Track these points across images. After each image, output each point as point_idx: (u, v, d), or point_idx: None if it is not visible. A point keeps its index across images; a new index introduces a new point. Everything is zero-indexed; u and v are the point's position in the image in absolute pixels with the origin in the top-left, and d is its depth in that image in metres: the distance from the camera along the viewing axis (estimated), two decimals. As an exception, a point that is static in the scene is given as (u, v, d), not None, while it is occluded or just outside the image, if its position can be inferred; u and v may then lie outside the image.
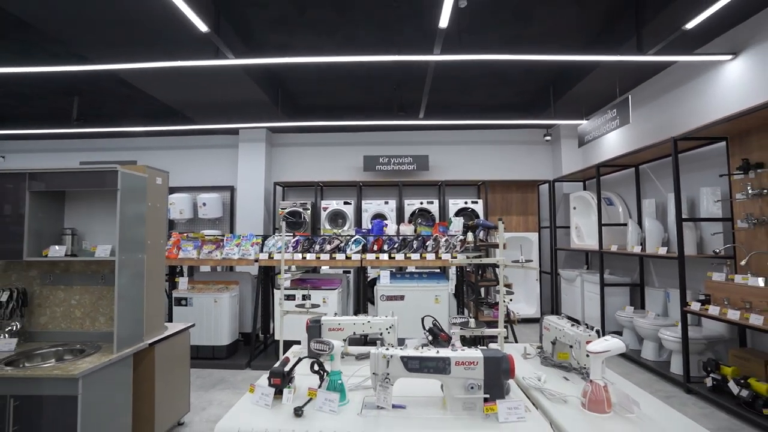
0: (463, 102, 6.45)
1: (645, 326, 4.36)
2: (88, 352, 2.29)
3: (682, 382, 3.71)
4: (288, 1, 3.75)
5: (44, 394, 2.00)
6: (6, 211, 2.35)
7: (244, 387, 3.80)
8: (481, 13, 3.95)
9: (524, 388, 1.74)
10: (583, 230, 6.06)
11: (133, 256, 2.47)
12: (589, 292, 5.67)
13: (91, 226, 2.67)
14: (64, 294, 2.61)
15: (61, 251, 2.42)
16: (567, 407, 1.53)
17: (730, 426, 3.00)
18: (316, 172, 7.23)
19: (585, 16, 4.05)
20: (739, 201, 3.63)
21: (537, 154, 7.19)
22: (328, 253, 4.44)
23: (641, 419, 1.44)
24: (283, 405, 1.54)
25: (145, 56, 4.22)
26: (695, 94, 4.30)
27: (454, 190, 7.13)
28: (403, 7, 3.84)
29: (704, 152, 4.20)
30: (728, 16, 3.66)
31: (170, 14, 3.43)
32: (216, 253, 4.63)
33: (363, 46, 4.61)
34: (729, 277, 3.41)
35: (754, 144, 3.52)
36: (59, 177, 2.38)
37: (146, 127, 6.44)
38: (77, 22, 3.79)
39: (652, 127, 5.00)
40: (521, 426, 1.37)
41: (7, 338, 2.36)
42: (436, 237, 4.50)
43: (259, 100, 5.54)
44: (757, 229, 3.47)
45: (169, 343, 2.83)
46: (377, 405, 1.50)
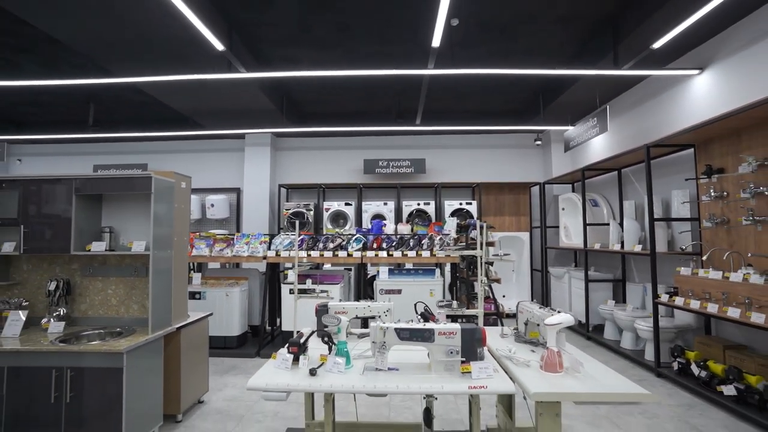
0: (457, 108, 6.82)
1: (623, 318, 4.74)
2: (125, 334, 2.66)
3: (653, 368, 4.08)
4: (295, 21, 4.12)
5: (95, 366, 2.37)
6: (56, 212, 2.72)
7: (254, 372, 4.16)
8: (472, 30, 4.32)
9: (497, 357, 2.11)
10: (570, 230, 6.43)
11: (164, 251, 2.84)
12: (575, 288, 6.04)
13: (124, 224, 3.04)
14: (102, 284, 2.98)
15: (102, 246, 2.79)
16: (528, 369, 1.90)
17: (689, 402, 3.37)
18: (318, 174, 7.60)
19: (566, 33, 4.43)
20: (704, 203, 4.00)
21: (528, 157, 7.57)
22: (331, 251, 4.80)
23: (584, 376, 1.81)
24: (300, 368, 1.91)
25: (163, 69, 4.59)
26: (668, 105, 4.68)
27: (450, 191, 7.50)
28: (400, 26, 4.21)
29: (676, 158, 4.57)
30: (694, 35, 4.03)
31: (189, 34, 3.79)
32: (227, 250, 5.00)
33: (363, 59, 4.98)
34: (693, 271, 3.78)
35: (716, 151, 3.90)
36: (101, 182, 2.75)
37: (158, 132, 6.81)
38: (102, 39, 4.15)
39: (632, 134, 5.38)
40: (489, 381, 1.74)
41: (55, 322, 2.72)
42: (431, 236, 4.87)
43: (265, 108, 5.91)
44: (718, 228, 3.85)
45: (192, 329, 3.20)
46: (376, 368, 1.87)
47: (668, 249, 4.43)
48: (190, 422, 3.06)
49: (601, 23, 4.24)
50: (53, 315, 2.78)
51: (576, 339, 5.51)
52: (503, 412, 2.65)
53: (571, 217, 6.46)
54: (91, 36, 4.05)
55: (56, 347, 2.39)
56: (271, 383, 1.75)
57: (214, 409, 3.31)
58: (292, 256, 4.75)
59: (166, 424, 2.96)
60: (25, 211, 2.74)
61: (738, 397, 3.12)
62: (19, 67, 5.12)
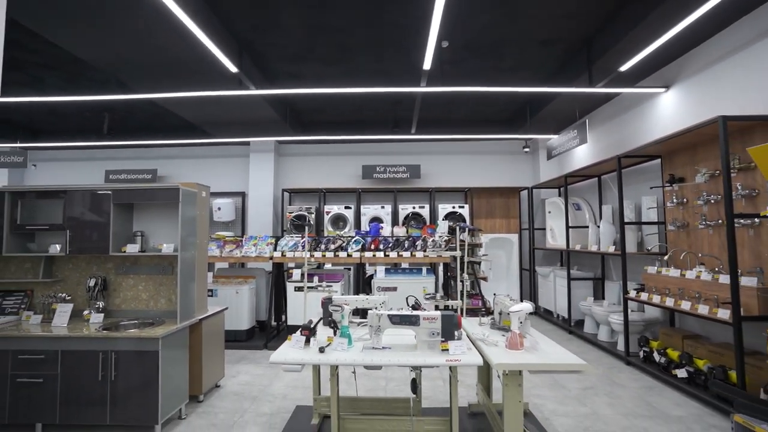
0: (450, 117, 7.27)
1: (599, 313, 5.18)
2: (156, 324, 3.08)
3: (623, 356, 4.52)
4: (301, 42, 4.55)
5: (135, 349, 2.80)
6: (96, 218, 3.15)
7: (263, 362, 4.60)
8: (461, 50, 4.77)
9: (473, 340, 2.55)
10: (556, 232, 6.88)
11: (189, 252, 3.27)
12: (560, 286, 6.48)
13: (152, 228, 3.47)
14: (134, 281, 3.41)
15: (135, 248, 3.22)
16: (496, 348, 2.34)
17: (650, 385, 3.82)
18: (319, 179, 8.04)
19: (546, 54, 4.88)
20: (669, 208, 4.45)
21: (517, 163, 8.02)
22: (332, 252, 5.23)
23: (539, 352, 2.25)
24: (311, 347, 2.34)
25: (179, 86, 5.01)
26: (639, 119, 5.13)
27: (443, 195, 7.95)
28: (395, 46, 4.65)
29: (646, 167, 5.03)
30: (661, 57, 4.48)
31: (203, 54, 4.21)
32: (236, 251, 5.42)
33: (362, 75, 5.42)
34: (658, 270, 4.23)
35: (678, 162, 4.35)
36: (135, 193, 3.18)
37: (168, 140, 7.23)
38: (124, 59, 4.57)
39: (609, 144, 5.83)
40: (463, 356, 2.17)
41: (95, 313, 3.15)
42: (424, 238, 5.31)
43: (270, 118, 6.34)
44: (680, 231, 4.30)
45: (211, 321, 3.63)
46: (372, 346, 2.30)
47: (638, 250, 4.88)
48: (210, 402, 3.49)
49: (577, 46, 4.69)
50: (93, 308, 3.21)
51: (559, 333, 5.95)
52: (482, 390, 3.09)
53: (556, 220, 6.92)
54: (113, 56, 4.45)
55: (103, 334, 2.82)
56: (288, 358, 2.19)
57: (230, 391, 3.74)
58: (296, 256, 5.19)
59: (191, 403, 3.39)
60: (70, 218, 3.16)
61: (689, 378, 3.57)
62: (43, 82, 5.54)
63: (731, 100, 3.80)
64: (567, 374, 4.16)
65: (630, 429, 2.97)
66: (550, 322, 6.65)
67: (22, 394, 2.81)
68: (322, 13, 3.98)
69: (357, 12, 3.96)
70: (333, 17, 4.06)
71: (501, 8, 3.91)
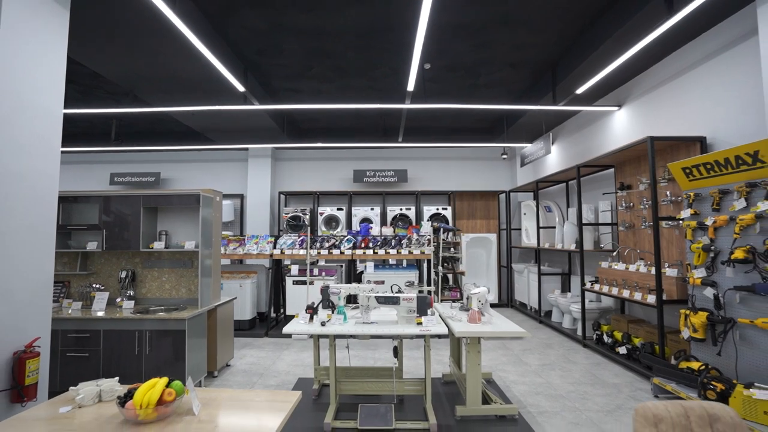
0: (435, 126, 7.92)
1: (563, 303, 5.87)
2: (180, 309, 3.65)
3: (581, 340, 5.21)
4: (300, 63, 5.14)
5: (166, 329, 3.37)
6: (129, 220, 3.71)
7: (266, 347, 5.18)
8: (441, 70, 5.40)
9: (444, 318, 3.18)
10: (530, 232, 7.57)
11: (207, 249, 3.84)
12: (533, 281, 7.17)
13: (174, 227, 4.03)
14: (158, 273, 3.97)
15: (161, 245, 3.78)
16: (460, 323, 2.97)
17: (598, 362, 4.50)
18: (313, 182, 8.62)
19: (517, 75, 5.54)
20: (620, 211, 5.15)
21: (496, 169, 8.70)
22: (326, 249, 5.83)
23: (492, 325, 2.89)
24: (314, 323, 2.95)
25: (190, 100, 5.56)
26: (598, 132, 5.83)
27: (428, 198, 8.59)
28: (384, 67, 5.27)
29: (603, 175, 5.73)
30: (614, 81, 5.17)
31: (212, 73, 4.76)
32: (239, 249, 5.99)
33: (353, 91, 6.02)
34: (609, 264, 4.92)
35: (627, 171, 5.05)
36: (162, 198, 3.75)
37: (171, 146, 7.74)
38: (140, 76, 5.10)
39: (575, 153, 6.53)
40: (432, 327, 2.80)
41: (127, 301, 3.71)
42: (409, 237, 5.93)
43: (269, 126, 6.90)
44: (628, 231, 5.00)
45: (223, 308, 4.21)
46: (363, 321, 2.92)
47: (594, 247, 5.58)
48: (224, 377, 4.07)
49: (543, 69, 5.36)
50: (125, 295, 3.76)
51: (530, 323, 6.64)
52: (453, 363, 3.73)
53: (530, 221, 7.61)
54: (131, 73, 4.98)
55: (138, 316, 3.39)
56: (298, 330, 2.79)
57: (240, 369, 4.32)
58: (294, 254, 5.77)
59: (207, 378, 3.97)
60: (105, 219, 3.72)
61: (628, 354, 4.26)
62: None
63: (667, 120, 4.50)
64: (530, 353, 4.83)
65: (573, 392, 3.63)
66: (524, 313, 7.34)
67: (70, 366, 3.36)
68: (319, 40, 4.58)
69: (349, 39, 4.56)
70: (328, 43, 4.66)
71: (475, 37, 4.55)
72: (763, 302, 2.86)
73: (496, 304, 7.98)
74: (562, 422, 3.06)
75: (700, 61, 4.08)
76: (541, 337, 5.69)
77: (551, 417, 3.15)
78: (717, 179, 3.25)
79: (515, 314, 7.35)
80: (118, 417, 1.69)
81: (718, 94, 3.84)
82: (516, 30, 4.37)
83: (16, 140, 2.44)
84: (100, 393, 1.85)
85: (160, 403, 1.60)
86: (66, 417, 1.69)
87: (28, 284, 2.53)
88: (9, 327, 2.41)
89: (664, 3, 3.27)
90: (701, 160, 3.32)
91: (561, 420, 3.10)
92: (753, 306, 2.93)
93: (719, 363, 3.18)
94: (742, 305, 3.03)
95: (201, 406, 1.77)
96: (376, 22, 4.16)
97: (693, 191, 3.50)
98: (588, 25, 4.29)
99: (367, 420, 2.83)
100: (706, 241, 3.33)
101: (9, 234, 2.39)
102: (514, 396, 3.56)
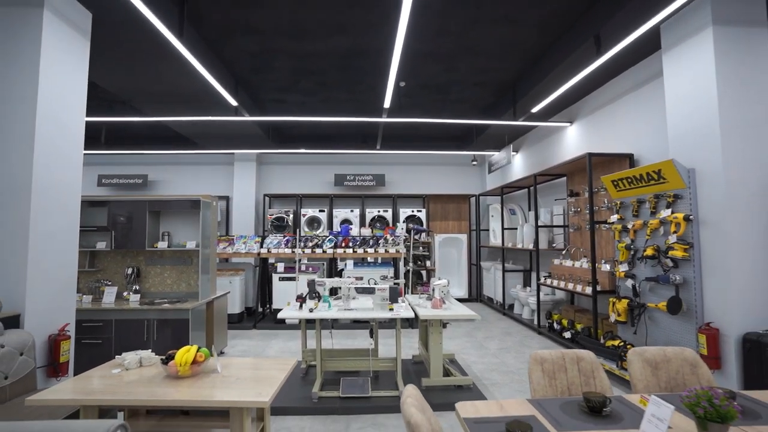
0: (411, 134, 8.53)
1: (522, 297, 6.58)
2: (182, 302, 4.14)
3: (536, 328, 5.92)
4: (287, 79, 5.66)
5: (171, 318, 3.86)
6: (134, 221, 4.16)
7: (255, 337, 5.68)
8: (416, 88, 6.01)
9: (413, 306, 3.78)
10: (497, 232, 8.29)
11: (206, 248, 4.34)
12: (498, 277, 7.88)
13: (175, 228, 4.50)
14: (160, 270, 4.44)
15: (164, 245, 4.25)
16: (425, 308, 3.58)
17: (548, 345, 5.21)
18: (296, 185, 9.11)
19: (482, 93, 6.21)
20: (570, 215, 5.89)
21: (467, 174, 9.41)
22: (310, 248, 6.36)
23: (451, 310, 3.51)
24: (303, 309, 3.50)
25: (182, 110, 6.00)
26: (554, 145, 6.57)
27: (404, 201, 9.22)
28: (363, 83, 5.85)
29: (558, 182, 6.47)
30: (565, 100, 5.90)
31: (207, 89, 5.23)
32: (229, 248, 6.46)
33: (335, 103, 6.57)
34: (560, 262, 5.64)
35: (576, 180, 5.79)
36: (166, 202, 4.22)
37: (159, 150, 8.10)
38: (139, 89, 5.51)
39: (536, 162, 7.27)
40: (402, 312, 3.40)
41: (133, 294, 4.16)
42: (385, 237, 6.53)
43: (255, 133, 7.37)
44: (576, 232, 5.73)
45: (219, 301, 4.70)
46: (345, 308, 3.49)
47: (548, 246, 6.31)
48: (219, 362, 4.56)
49: (505, 87, 6.04)
50: (131, 290, 4.22)
51: (495, 315, 7.34)
52: (422, 346, 4.35)
53: (497, 223, 8.32)
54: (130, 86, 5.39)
55: (146, 307, 3.86)
56: (291, 315, 3.34)
57: (233, 356, 4.82)
58: (279, 252, 6.28)
59: (205, 362, 4.46)
60: (113, 221, 4.16)
61: (571, 338, 4.97)
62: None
63: (606, 137, 5.25)
64: (491, 339, 5.50)
65: (522, 369, 4.31)
66: (491, 307, 8.05)
67: (84, 352, 3.81)
68: (305, 61, 5.11)
69: (332, 60, 5.11)
70: (313, 63, 5.19)
71: (445, 62, 5.17)
72: (665, 290, 3.59)
73: (467, 299, 8.67)
74: (509, 390, 3.71)
75: (630, 89, 4.83)
76: (502, 326, 6.38)
77: (501, 387, 3.80)
78: (636, 191, 3.97)
79: (483, 308, 8.06)
80: (159, 376, 2.21)
81: (643, 118, 4.59)
82: (479, 57, 5.02)
83: (52, 157, 2.91)
84: (141, 360, 2.36)
85: (194, 363, 2.14)
86: (118, 376, 2.21)
87: (58, 279, 3.01)
88: (45, 315, 2.89)
89: (594, 45, 3.97)
90: (624, 175, 4.04)
91: (508, 389, 3.75)
92: (658, 293, 3.66)
93: (635, 339, 3.90)
94: (651, 293, 3.75)
95: (222, 368, 2.31)
96: (355, 47, 4.74)
97: (619, 200, 4.23)
98: (539, 56, 4.99)
99: (348, 390, 3.41)
100: (628, 241, 4.06)
101: (46, 235, 2.87)
102: (473, 372, 4.20)
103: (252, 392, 1.98)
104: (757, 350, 2.88)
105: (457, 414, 1.64)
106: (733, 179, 3.15)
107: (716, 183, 3.21)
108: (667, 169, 3.50)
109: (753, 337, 2.94)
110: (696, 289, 3.33)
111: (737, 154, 3.17)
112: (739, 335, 3.05)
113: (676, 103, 3.60)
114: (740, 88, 3.20)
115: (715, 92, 3.21)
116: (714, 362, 3.12)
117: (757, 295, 3.08)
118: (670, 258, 3.51)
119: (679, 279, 3.44)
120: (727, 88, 3.20)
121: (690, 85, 3.46)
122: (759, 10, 3.25)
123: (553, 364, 2.00)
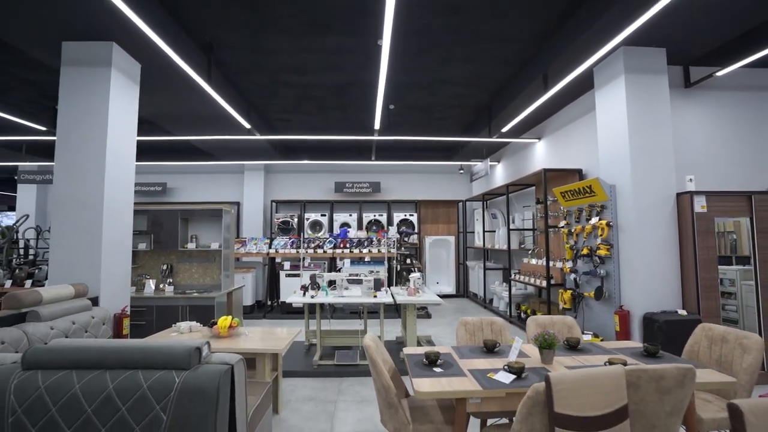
0: (403, 146, 9.47)
1: (499, 291, 7.49)
2: (207, 292, 5.07)
3: (508, 318, 6.82)
4: (291, 103, 6.60)
5: (201, 305, 4.80)
6: (169, 227, 5.11)
7: (265, 326, 6.60)
8: (403, 109, 6.94)
9: (393, 294, 4.70)
10: (480, 235, 9.19)
11: (227, 249, 5.28)
12: (481, 275, 8.78)
13: (201, 232, 5.45)
14: (189, 266, 5.38)
15: (192, 246, 5.20)
16: (402, 296, 4.50)
17: (514, 331, 6.11)
18: (300, 192, 10.06)
19: (461, 113, 7.13)
20: (537, 220, 6.79)
21: (455, 181, 10.32)
22: (312, 249, 7.29)
23: (424, 297, 4.43)
24: (306, 297, 4.43)
25: (204, 130, 6.96)
26: (526, 158, 7.48)
27: (398, 205, 10.14)
28: (357, 106, 6.78)
29: (530, 190, 7.37)
30: (533, 120, 6.81)
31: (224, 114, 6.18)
32: (241, 249, 7.40)
33: (333, 121, 7.51)
34: (528, 260, 6.54)
35: (541, 190, 6.68)
36: (193, 211, 5.17)
37: (177, 162, 9.08)
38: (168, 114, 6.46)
39: (513, 172, 8.18)
40: (383, 299, 4.32)
41: (168, 286, 5.10)
42: (379, 239, 7.44)
43: (263, 147, 8.32)
44: (541, 235, 6.63)
45: (236, 293, 5.64)
46: (339, 295, 4.42)
47: (519, 247, 7.21)
48: (237, 343, 5.50)
49: (481, 108, 6.96)
50: (166, 282, 5.16)
51: (477, 308, 8.24)
52: (403, 328, 5.27)
53: (480, 226, 9.22)
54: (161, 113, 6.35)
55: (179, 296, 4.80)
56: (296, 299, 4.27)
57: (247, 339, 5.75)
58: (287, 252, 7.22)
59: (225, 343, 5.40)
60: (152, 226, 5.11)
61: (532, 324, 5.87)
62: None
63: (565, 153, 6.16)
64: (466, 327, 6.41)
65: (486, 347, 5.21)
66: (475, 302, 8.95)
67: (133, 331, 4.74)
68: (306, 90, 6.05)
69: (328, 90, 6.05)
70: (313, 92, 6.13)
71: (426, 89, 6.09)
72: (595, 281, 4.49)
73: (454, 295, 9.56)
74: (471, 362, 4.62)
75: (583, 113, 5.73)
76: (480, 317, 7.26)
77: (465, 360, 4.71)
78: (576, 201, 4.88)
79: (468, 302, 8.96)
80: (205, 336, 3.15)
81: (591, 139, 5.49)
82: (455, 86, 5.94)
83: (114, 182, 3.87)
84: (190, 327, 3.30)
85: (230, 327, 3.07)
86: (176, 337, 3.15)
87: (120, 272, 3.96)
88: (112, 299, 3.83)
89: (542, 82, 4.88)
90: (568, 188, 4.94)
91: (471, 361, 4.66)
92: (591, 284, 4.56)
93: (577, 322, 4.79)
94: (587, 284, 4.66)
95: (248, 333, 3.25)
96: (347, 80, 5.67)
97: (567, 208, 5.13)
98: (504, 86, 5.90)
99: (341, 359, 4.33)
100: (572, 242, 4.96)
101: (111, 240, 3.82)
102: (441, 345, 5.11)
103: (271, 345, 2.91)
104: (651, 326, 3.79)
105: (402, 353, 2.56)
106: (640, 194, 4.06)
107: (628, 196, 4.11)
108: (595, 185, 4.41)
109: (649, 316, 3.84)
110: (615, 280, 4.23)
111: (643, 174, 4.07)
112: (641, 315, 3.95)
113: (603, 130, 4.51)
114: (644, 122, 4.11)
115: (626, 124, 4.12)
116: (625, 335, 4.02)
117: (656, 285, 3.99)
118: (598, 256, 4.41)
119: (603, 273, 4.35)
120: (634, 121, 4.10)
121: (611, 116, 4.37)
122: (660, 60, 4.16)
123: (474, 326, 2.94)
